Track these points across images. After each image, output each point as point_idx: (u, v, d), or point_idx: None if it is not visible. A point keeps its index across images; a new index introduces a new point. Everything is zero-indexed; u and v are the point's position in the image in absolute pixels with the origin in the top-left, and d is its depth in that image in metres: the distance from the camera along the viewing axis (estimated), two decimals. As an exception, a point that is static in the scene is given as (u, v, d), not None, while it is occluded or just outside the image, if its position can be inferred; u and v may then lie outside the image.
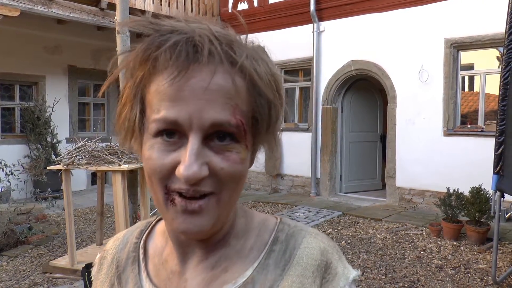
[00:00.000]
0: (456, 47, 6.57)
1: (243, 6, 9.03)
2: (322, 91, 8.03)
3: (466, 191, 5.29)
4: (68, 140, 8.43)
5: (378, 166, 8.61)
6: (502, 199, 4.05)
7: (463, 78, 6.83)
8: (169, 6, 8.09)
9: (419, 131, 6.90)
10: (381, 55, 7.23)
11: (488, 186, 4.38)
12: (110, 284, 0.66)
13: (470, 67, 6.83)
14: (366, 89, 8.33)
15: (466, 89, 7.04)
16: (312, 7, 7.82)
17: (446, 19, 6.55)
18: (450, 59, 6.58)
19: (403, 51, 7.00)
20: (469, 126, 6.58)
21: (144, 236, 0.68)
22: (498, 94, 4.12)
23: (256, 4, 8.83)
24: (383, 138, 8.31)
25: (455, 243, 5.17)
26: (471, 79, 6.98)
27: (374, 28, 7.30)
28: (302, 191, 8.36)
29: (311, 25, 7.98)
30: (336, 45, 7.78)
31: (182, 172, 0.50)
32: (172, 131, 0.52)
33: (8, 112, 8.24)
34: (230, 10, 8.90)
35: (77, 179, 8.14)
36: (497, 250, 4.10)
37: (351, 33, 7.58)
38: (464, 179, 5.80)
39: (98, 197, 4.79)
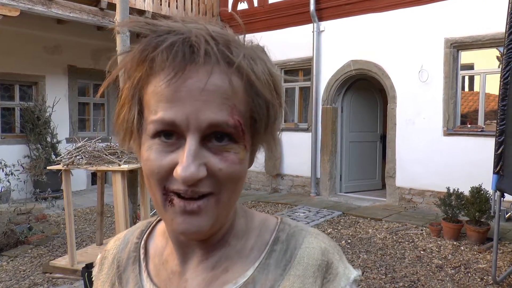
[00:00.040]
0: (456, 47, 6.57)
1: (243, 6, 9.03)
2: (322, 91, 8.03)
3: (466, 191, 5.29)
4: (68, 140, 8.43)
5: (378, 166, 8.61)
6: (502, 199, 4.05)
7: (463, 78, 6.84)
8: (169, 6, 8.09)
9: (419, 131, 6.90)
10: (381, 55, 7.23)
11: (488, 186, 4.38)
12: (111, 284, 0.66)
13: (470, 67, 6.83)
14: (366, 89, 8.33)
15: (466, 89, 7.05)
16: (312, 7, 7.82)
17: (446, 19, 6.55)
18: (450, 59, 6.58)
19: (403, 51, 7.00)
20: (469, 126, 6.58)
21: (145, 236, 0.68)
22: (498, 94, 4.12)
23: (256, 4, 8.83)
24: (383, 138, 8.31)
25: (455, 243, 5.17)
26: (471, 79, 6.98)
27: (374, 28, 7.30)
28: (302, 191, 8.36)
29: (311, 25, 7.98)
30: (336, 45, 7.78)
31: (180, 173, 0.49)
32: (170, 132, 0.51)
33: (8, 112, 8.24)
34: (230, 10, 8.90)
35: (77, 179, 8.14)
36: (497, 249, 4.10)
37: (351, 33, 7.58)
38: (464, 179, 5.81)
39: (98, 197, 4.79)
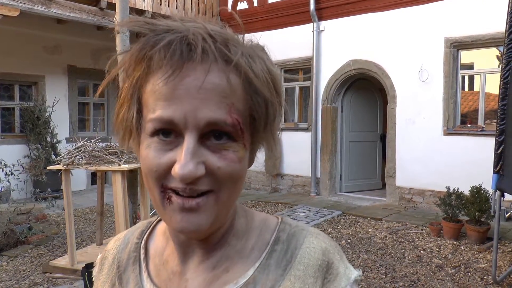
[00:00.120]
0: (456, 46, 6.57)
1: (242, 5, 9.03)
2: (322, 90, 8.03)
3: (466, 190, 5.29)
4: (68, 140, 8.43)
5: (378, 166, 8.61)
6: (502, 198, 4.05)
7: (463, 77, 6.84)
8: (168, 6, 8.09)
9: (419, 130, 6.90)
10: (381, 54, 7.23)
11: (488, 186, 4.38)
12: (111, 284, 0.66)
13: (470, 66, 6.83)
14: (366, 88, 8.33)
15: (466, 88, 7.05)
16: (312, 6, 7.82)
17: (446, 19, 6.55)
18: (450, 58, 6.58)
19: (403, 50, 7.00)
20: (469, 125, 6.58)
21: (145, 236, 0.68)
22: (498, 94, 4.12)
23: (255, 4, 8.83)
24: (383, 138, 8.31)
25: (455, 242, 5.17)
26: (471, 78, 6.99)
27: (374, 27, 7.30)
28: (302, 191, 8.35)
29: (311, 24, 7.97)
30: (336, 44, 7.78)
31: (178, 171, 0.49)
32: (168, 131, 0.51)
33: (7, 112, 8.24)
34: (229, 9, 8.89)
35: (77, 179, 8.14)
36: (497, 249, 4.10)
37: (351, 32, 7.58)
38: (464, 178, 5.81)
39: (98, 197, 4.79)
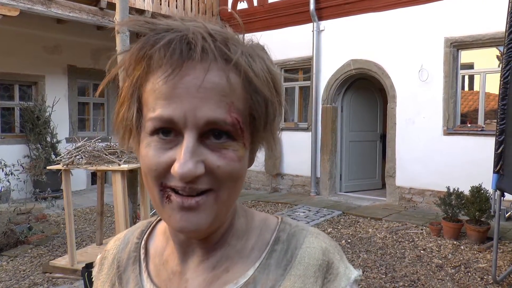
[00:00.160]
0: (456, 46, 6.57)
1: (242, 5, 9.03)
2: (322, 90, 8.03)
3: (466, 190, 5.29)
4: (68, 140, 8.42)
5: (378, 165, 8.61)
6: (502, 198, 4.05)
7: (463, 77, 6.83)
8: (168, 6, 8.08)
9: (419, 130, 6.90)
10: (381, 54, 7.22)
11: (488, 185, 4.38)
12: (111, 284, 0.66)
13: (470, 66, 6.83)
14: (366, 88, 8.32)
15: (466, 88, 7.05)
16: (311, 6, 7.81)
17: (446, 18, 6.54)
18: (450, 58, 6.58)
19: (403, 50, 7.00)
20: (469, 125, 6.58)
21: (145, 236, 0.68)
22: (498, 93, 4.12)
23: (255, 4, 8.82)
24: (383, 137, 8.31)
25: (455, 242, 5.17)
26: (471, 78, 6.98)
27: (374, 27, 7.29)
28: (302, 191, 8.35)
29: (311, 24, 7.97)
30: (336, 44, 7.78)
31: (177, 169, 0.49)
32: (168, 129, 0.51)
33: (7, 112, 8.24)
34: (229, 9, 8.89)
35: (77, 179, 8.14)
36: (497, 249, 4.10)
37: (350, 32, 7.58)
38: (464, 178, 5.81)
39: (98, 197, 4.79)
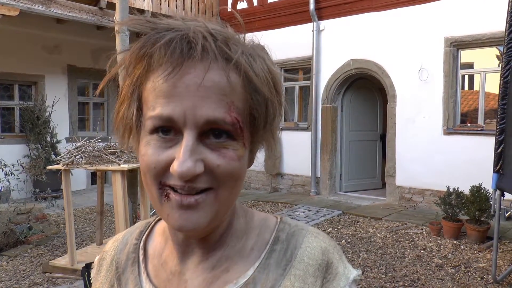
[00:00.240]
0: (456, 45, 6.57)
1: (242, 5, 9.02)
2: (322, 90, 8.03)
3: (466, 190, 5.29)
4: (68, 139, 8.42)
5: (378, 165, 8.61)
6: (502, 197, 4.05)
7: (463, 76, 6.83)
8: (168, 5, 8.08)
9: (419, 130, 6.90)
10: (381, 54, 7.22)
11: (488, 185, 4.38)
12: (109, 286, 0.66)
13: (470, 65, 6.83)
14: (366, 88, 8.32)
15: (466, 87, 7.05)
16: (311, 6, 7.81)
17: (445, 18, 6.54)
18: (450, 57, 6.58)
19: (403, 50, 7.00)
20: (469, 124, 6.58)
21: (144, 237, 0.68)
22: (498, 93, 4.12)
23: (255, 3, 8.82)
24: (383, 137, 8.31)
25: (455, 242, 5.17)
26: (471, 77, 6.98)
27: (373, 27, 7.29)
28: (302, 190, 8.35)
29: (311, 24, 7.97)
30: (336, 44, 7.78)
31: (176, 168, 0.49)
32: (167, 128, 0.51)
33: (7, 112, 8.24)
34: (229, 9, 8.89)
35: (77, 179, 8.14)
36: (497, 248, 4.10)
37: (350, 32, 7.57)
38: (464, 177, 5.81)
39: (98, 196, 4.79)
